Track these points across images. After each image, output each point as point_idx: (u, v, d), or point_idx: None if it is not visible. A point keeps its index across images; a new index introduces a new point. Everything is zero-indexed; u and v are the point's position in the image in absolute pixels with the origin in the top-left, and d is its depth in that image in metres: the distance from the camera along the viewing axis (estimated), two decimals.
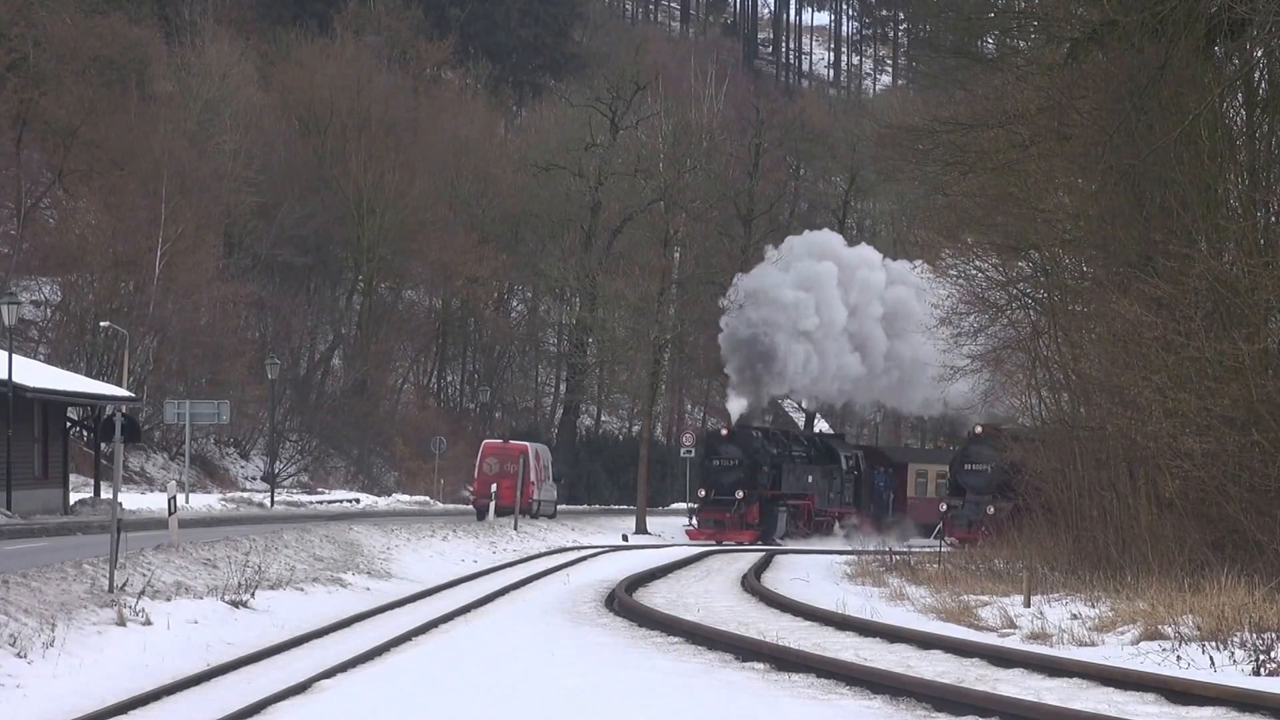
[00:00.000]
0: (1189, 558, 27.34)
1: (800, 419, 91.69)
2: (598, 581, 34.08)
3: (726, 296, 66.30)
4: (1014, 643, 23.23)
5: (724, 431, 63.07)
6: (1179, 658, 20.67)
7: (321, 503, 72.82)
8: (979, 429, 59.32)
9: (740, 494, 60.39)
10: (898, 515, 68.66)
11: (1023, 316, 36.19)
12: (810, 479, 65.06)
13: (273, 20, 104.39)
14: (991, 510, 56.61)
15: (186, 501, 59.16)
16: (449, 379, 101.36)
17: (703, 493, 62.00)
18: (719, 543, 57.86)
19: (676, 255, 74.61)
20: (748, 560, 41.97)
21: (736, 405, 63.91)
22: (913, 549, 50.24)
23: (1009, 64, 34.22)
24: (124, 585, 25.04)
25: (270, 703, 17.87)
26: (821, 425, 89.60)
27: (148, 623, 22.90)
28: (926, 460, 74.16)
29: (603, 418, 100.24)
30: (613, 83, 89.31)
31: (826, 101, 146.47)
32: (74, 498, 55.10)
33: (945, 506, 59.43)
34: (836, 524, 66.29)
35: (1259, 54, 28.66)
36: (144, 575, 26.70)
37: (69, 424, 56.33)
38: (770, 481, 62.35)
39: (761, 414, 75.52)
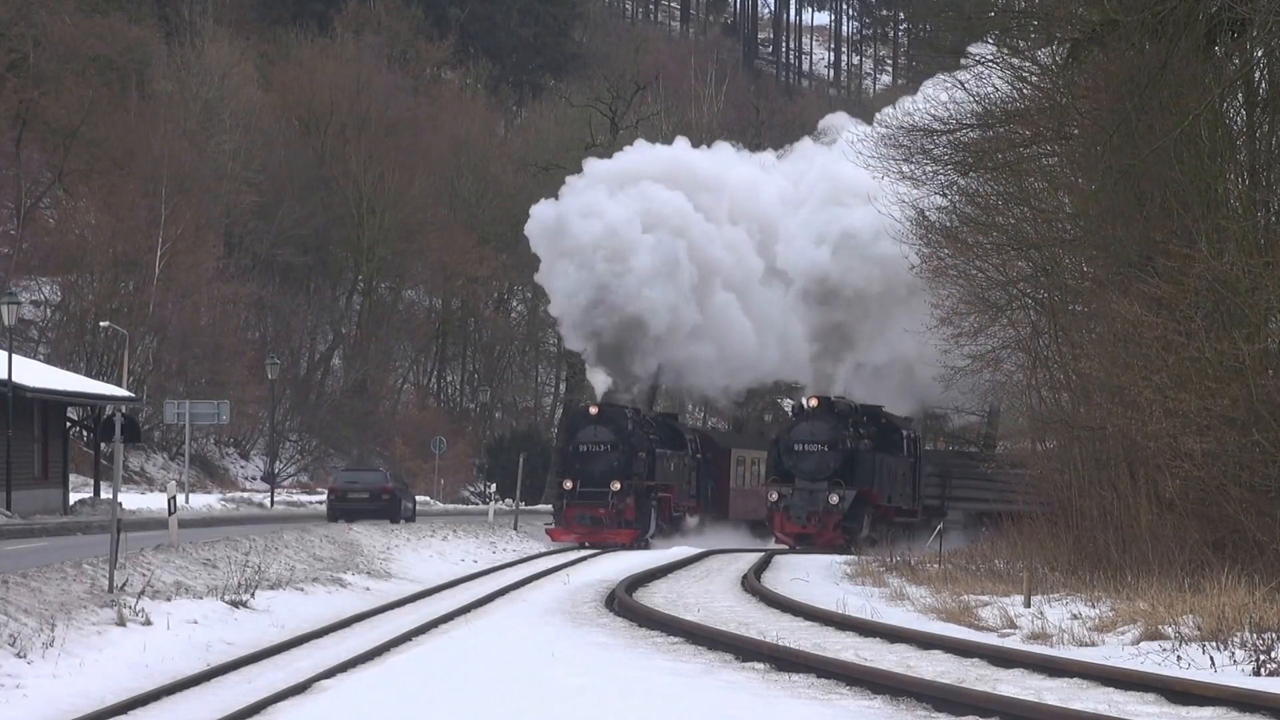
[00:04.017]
0: (1189, 558, 27.35)
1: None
2: (597, 581, 34.06)
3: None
4: (1014, 643, 23.21)
5: (593, 410, 53.06)
6: (1179, 658, 20.66)
7: (321, 503, 72.81)
8: (812, 401, 52.12)
9: (616, 485, 51.27)
10: (719, 508, 60.24)
11: (1023, 316, 36.16)
12: (672, 467, 55.36)
13: (273, 20, 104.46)
14: (835, 499, 50.18)
15: (186, 501, 59.19)
16: (449, 379, 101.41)
17: (569, 484, 51.89)
18: (582, 544, 49.85)
19: None
20: (747, 560, 41.97)
21: (601, 379, 55.02)
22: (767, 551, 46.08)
23: (1009, 64, 34.22)
24: (124, 585, 25.04)
25: (270, 703, 17.87)
26: None
27: (148, 623, 22.90)
28: (748, 446, 65.61)
29: None
30: (613, 82, 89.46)
31: (826, 101, 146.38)
32: (74, 498, 55.16)
33: (775, 495, 51.30)
34: (687, 519, 57.12)
35: (1259, 54, 28.65)
36: (144, 575, 26.70)
37: (69, 424, 56.36)
38: (646, 470, 52.84)
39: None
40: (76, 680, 19.05)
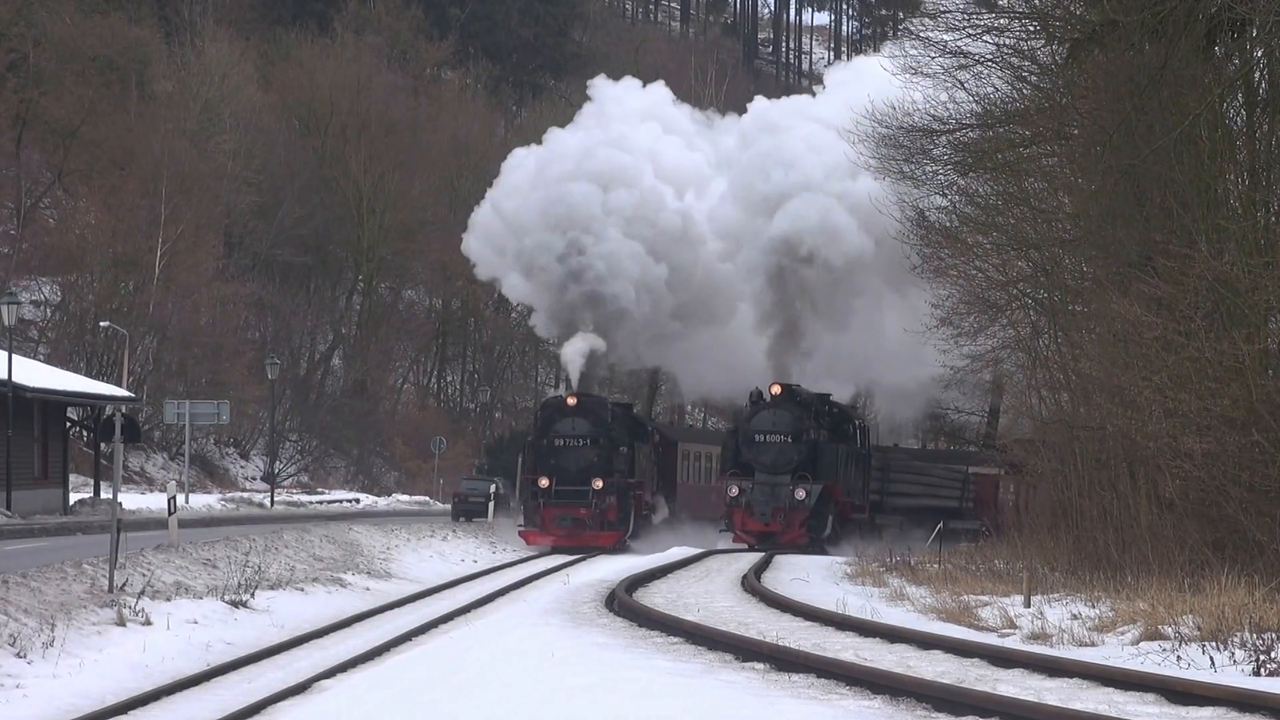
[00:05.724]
0: (1189, 558, 27.34)
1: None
2: (597, 581, 34.05)
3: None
4: (1014, 643, 23.21)
5: (570, 401, 49.55)
6: (1179, 658, 20.66)
7: (321, 503, 72.86)
8: (775, 389, 48.10)
9: (599, 483, 48.03)
10: (671, 505, 56.08)
11: (1023, 316, 36.17)
12: (645, 462, 51.91)
13: (273, 20, 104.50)
14: (802, 495, 46.87)
15: (186, 501, 59.15)
16: (449, 379, 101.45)
17: (544, 482, 48.35)
18: (553, 547, 46.99)
19: None
20: (747, 560, 41.96)
21: (576, 352, 50.95)
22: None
23: (1009, 64, 34.23)
24: (124, 585, 25.05)
25: (270, 703, 17.88)
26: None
27: (148, 623, 22.91)
28: (695, 439, 62.99)
29: None
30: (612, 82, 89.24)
31: None
32: (74, 498, 55.14)
33: (736, 490, 47.38)
34: (653, 517, 53.51)
35: (1259, 54, 28.65)
36: (144, 575, 26.71)
37: (69, 424, 56.36)
38: (627, 466, 49.54)
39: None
40: (76, 680, 19.06)
